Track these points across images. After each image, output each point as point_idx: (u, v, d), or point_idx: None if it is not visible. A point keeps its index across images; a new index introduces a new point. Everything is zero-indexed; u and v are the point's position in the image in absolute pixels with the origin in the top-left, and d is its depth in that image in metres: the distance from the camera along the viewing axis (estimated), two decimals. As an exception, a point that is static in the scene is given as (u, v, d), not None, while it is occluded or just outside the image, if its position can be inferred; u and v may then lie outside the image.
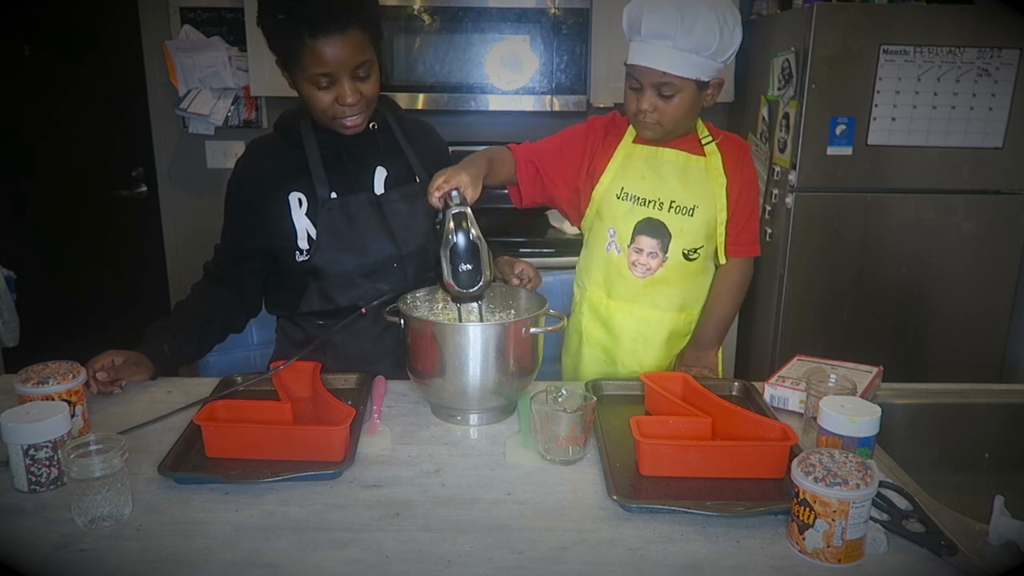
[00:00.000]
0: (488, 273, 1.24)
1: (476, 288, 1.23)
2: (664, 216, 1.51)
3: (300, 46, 1.29)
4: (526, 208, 1.63)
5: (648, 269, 1.53)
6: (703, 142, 1.53)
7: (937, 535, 0.92)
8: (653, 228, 1.51)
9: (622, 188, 1.53)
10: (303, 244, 1.45)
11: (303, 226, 1.44)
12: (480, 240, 1.22)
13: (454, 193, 1.23)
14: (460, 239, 1.20)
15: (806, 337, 2.56)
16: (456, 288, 1.22)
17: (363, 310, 1.41)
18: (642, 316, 1.56)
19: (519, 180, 1.55)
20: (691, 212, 1.50)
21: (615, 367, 1.61)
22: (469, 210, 1.22)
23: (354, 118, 1.39)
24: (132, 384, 1.37)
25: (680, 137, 1.52)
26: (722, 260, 1.58)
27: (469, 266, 1.22)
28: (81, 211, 3.11)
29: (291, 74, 1.37)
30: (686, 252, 1.52)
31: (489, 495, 1.05)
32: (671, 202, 1.50)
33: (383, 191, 1.48)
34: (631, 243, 1.53)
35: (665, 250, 1.52)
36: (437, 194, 1.24)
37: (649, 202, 1.51)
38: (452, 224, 1.20)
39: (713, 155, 1.52)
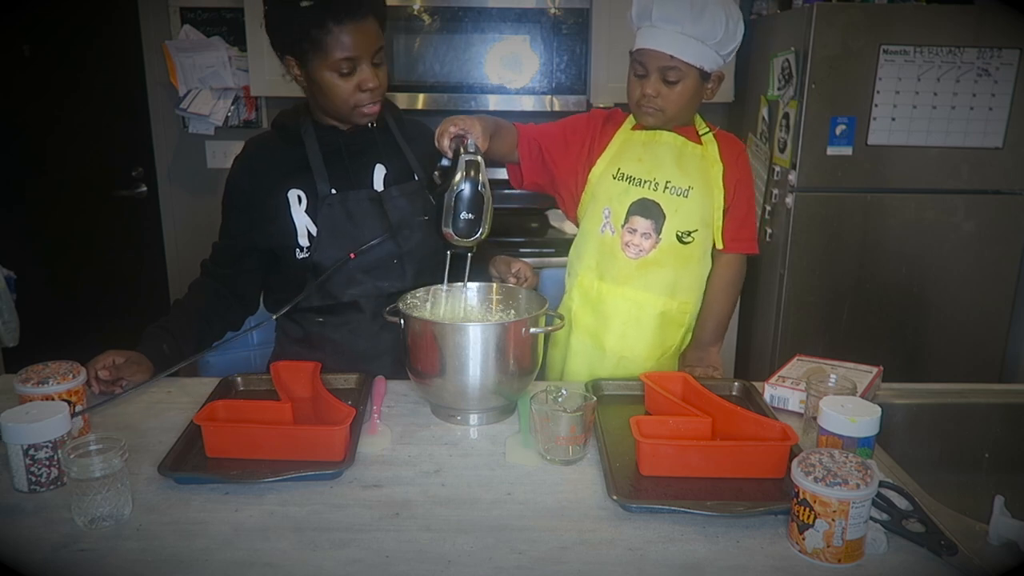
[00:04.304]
0: (487, 227, 1.23)
1: (472, 239, 1.23)
2: (659, 197, 1.52)
3: (324, 33, 1.32)
4: (527, 208, 1.63)
5: (641, 250, 1.53)
6: (700, 133, 1.56)
7: (937, 535, 0.92)
8: (647, 209, 1.52)
9: (618, 169, 1.54)
10: (303, 241, 1.45)
11: (303, 223, 1.45)
12: (487, 191, 1.21)
13: (469, 141, 1.22)
14: (467, 187, 1.20)
15: (806, 337, 2.56)
16: (454, 236, 1.22)
17: (352, 255, 1.40)
18: (633, 299, 1.56)
19: (520, 157, 1.56)
20: (686, 193, 1.51)
21: (602, 354, 1.59)
22: (481, 160, 1.21)
23: (372, 105, 1.41)
24: (132, 384, 1.37)
25: (679, 127, 1.54)
26: (719, 245, 1.58)
27: (471, 216, 1.21)
28: (81, 211, 3.11)
29: (308, 66, 1.38)
30: (680, 234, 1.52)
31: (489, 495, 1.05)
32: (666, 182, 1.51)
33: (382, 188, 1.49)
34: (625, 223, 1.53)
35: (659, 231, 1.52)
36: (448, 138, 1.24)
37: (644, 182, 1.52)
38: (463, 171, 1.19)
39: (710, 144, 1.55)
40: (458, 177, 1.19)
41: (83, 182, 3.08)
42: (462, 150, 1.22)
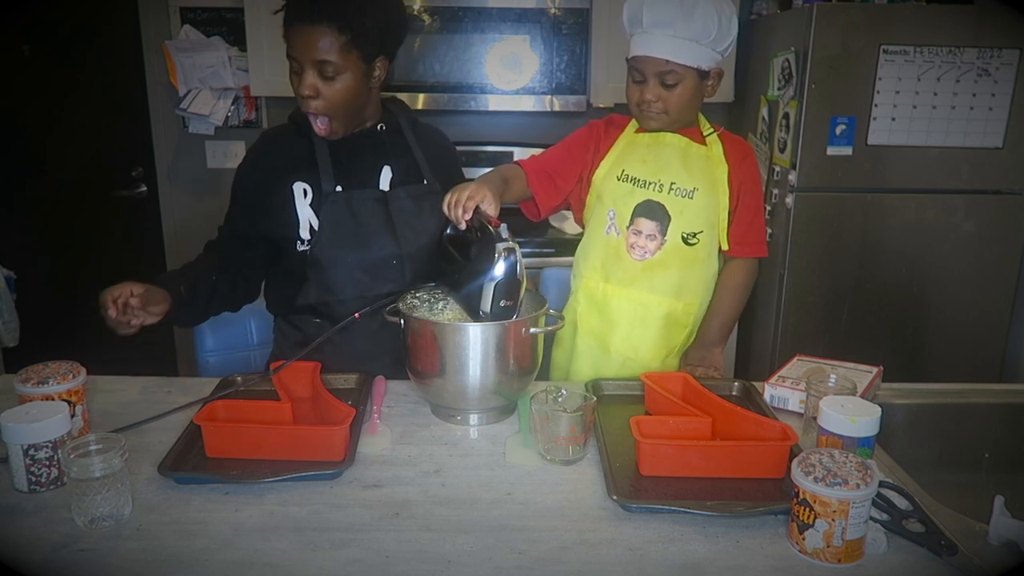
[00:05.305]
0: (520, 307, 1.24)
1: (508, 322, 1.23)
2: (664, 198, 1.51)
3: (287, 27, 1.37)
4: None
5: (646, 252, 1.53)
6: (704, 133, 1.56)
7: (937, 535, 0.92)
8: (652, 210, 1.52)
9: (623, 170, 1.54)
10: (304, 234, 1.46)
11: (306, 216, 1.46)
12: (524, 276, 1.22)
13: (503, 227, 1.21)
14: (508, 275, 1.19)
15: (806, 337, 2.56)
16: (490, 320, 1.22)
17: (357, 315, 1.40)
18: (639, 300, 1.55)
19: (534, 192, 1.56)
20: (691, 195, 1.51)
21: (607, 355, 1.59)
22: (517, 245, 1.21)
23: (317, 117, 1.41)
24: (133, 381, 1.37)
25: (682, 128, 1.54)
26: (724, 246, 1.58)
27: (509, 302, 1.21)
28: (81, 211, 3.11)
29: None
30: (685, 236, 1.52)
31: (489, 495, 1.05)
32: (671, 184, 1.51)
33: (388, 189, 1.50)
34: (630, 225, 1.53)
35: (664, 233, 1.52)
36: (466, 215, 1.24)
37: (649, 184, 1.52)
38: (502, 258, 1.18)
39: (714, 144, 1.55)
40: (498, 264, 1.19)
41: (83, 182, 3.09)
42: (494, 232, 1.20)
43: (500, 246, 1.19)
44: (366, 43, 1.38)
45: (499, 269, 1.19)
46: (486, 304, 1.20)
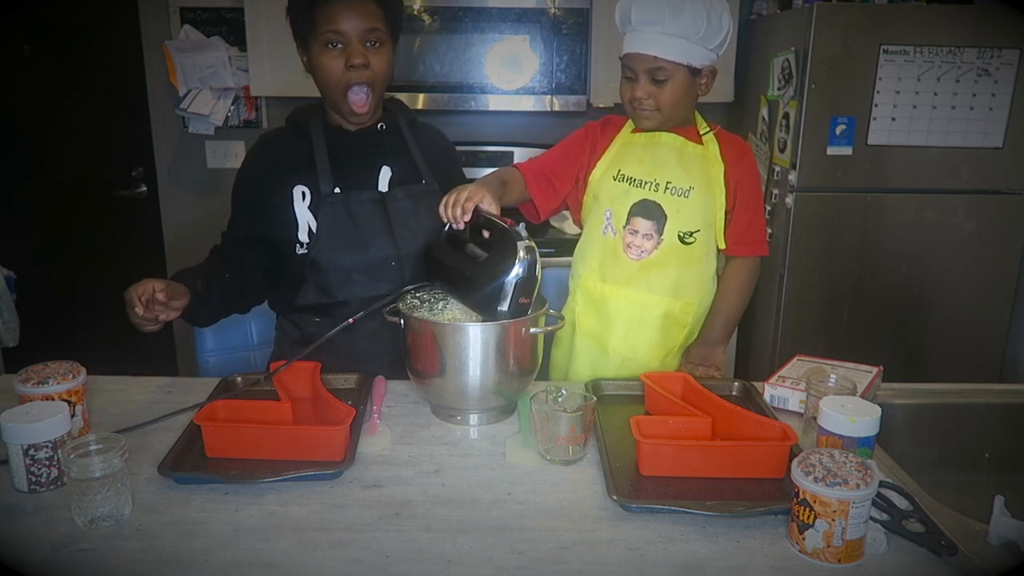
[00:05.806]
0: (532, 304, 1.24)
1: (507, 322, 1.22)
2: (660, 197, 1.52)
3: (318, 9, 1.37)
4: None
5: (643, 251, 1.53)
6: (701, 132, 1.56)
7: (937, 535, 0.92)
8: (649, 210, 1.52)
9: (619, 170, 1.55)
10: (303, 237, 1.46)
11: (305, 219, 1.46)
12: (541, 273, 1.22)
13: (521, 225, 1.22)
14: (528, 273, 1.19)
15: (806, 337, 2.56)
16: (507, 318, 1.21)
17: (352, 320, 1.38)
18: (636, 300, 1.56)
19: (532, 195, 1.56)
20: (687, 193, 1.51)
21: (606, 355, 1.59)
22: (535, 244, 1.21)
23: (362, 90, 1.41)
24: (133, 381, 1.37)
25: (678, 127, 1.54)
26: (721, 245, 1.58)
27: (525, 300, 1.21)
28: (81, 211, 3.11)
29: (309, 48, 1.42)
30: (682, 235, 1.52)
31: (489, 495, 1.05)
32: (667, 183, 1.51)
33: (387, 190, 1.50)
34: (626, 224, 1.54)
35: (660, 232, 1.52)
36: (465, 216, 1.25)
37: (645, 183, 1.52)
38: (523, 256, 1.18)
39: (711, 143, 1.55)
40: (518, 262, 1.19)
41: (83, 182, 3.08)
42: (513, 231, 1.21)
43: (521, 244, 1.19)
44: (395, 22, 1.44)
45: (521, 267, 1.19)
46: (504, 303, 1.20)
